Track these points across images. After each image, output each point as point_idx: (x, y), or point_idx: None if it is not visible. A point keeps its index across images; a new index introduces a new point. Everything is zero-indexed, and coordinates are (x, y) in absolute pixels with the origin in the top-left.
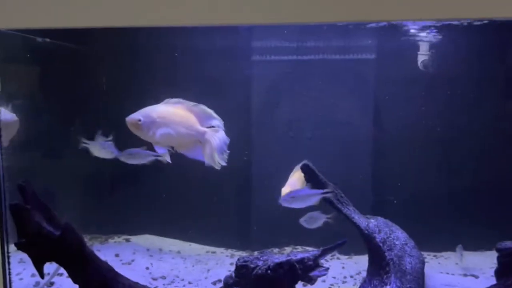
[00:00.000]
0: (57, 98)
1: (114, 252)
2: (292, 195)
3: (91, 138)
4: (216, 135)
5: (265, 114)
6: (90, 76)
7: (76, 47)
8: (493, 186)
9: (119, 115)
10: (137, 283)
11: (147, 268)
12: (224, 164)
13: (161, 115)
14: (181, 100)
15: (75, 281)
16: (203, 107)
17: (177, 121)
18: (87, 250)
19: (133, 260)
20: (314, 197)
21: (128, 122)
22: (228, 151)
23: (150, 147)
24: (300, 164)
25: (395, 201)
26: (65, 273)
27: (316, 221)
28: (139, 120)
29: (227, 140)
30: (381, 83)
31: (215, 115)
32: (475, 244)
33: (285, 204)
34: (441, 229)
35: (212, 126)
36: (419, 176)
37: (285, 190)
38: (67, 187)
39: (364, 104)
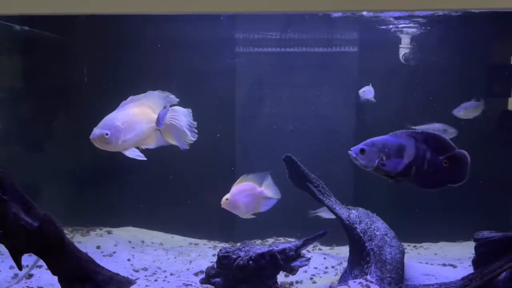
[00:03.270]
0: (37, 90)
1: (96, 244)
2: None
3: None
4: (173, 114)
5: (249, 107)
6: (71, 67)
7: (57, 36)
8: (472, 179)
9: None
10: (117, 274)
11: (129, 260)
12: (194, 138)
13: (123, 120)
14: (132, 97)
15: (54, 273)
16: (152, 93)
17: (138, 120)
18: (66, 242)
19: (114, 252)
20: None
21: (94, 139)
22: (194, 122)
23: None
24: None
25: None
26: (45, 265)
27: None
28: (107, 134)
29: (187, 112)
30: (364, 76)
31: (164, 94)
32: (454, 235)
33: None
34: (421, 221)
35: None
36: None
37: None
38: (49, 180)
39: (346, 96)
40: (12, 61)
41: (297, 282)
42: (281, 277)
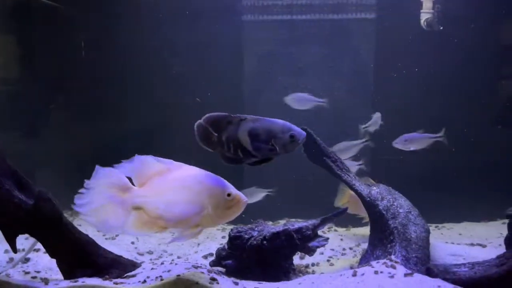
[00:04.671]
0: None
1: None
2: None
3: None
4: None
5: (258, 80)
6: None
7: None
8: (493, 161)
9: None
10: (121, 256)
11: (133, 243)
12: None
13: None
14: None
15: (52, 256)
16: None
17: None
18: (64, 221)
19: (117, 235)
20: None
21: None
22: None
23: None
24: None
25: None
26: (42, 249)
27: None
28: None
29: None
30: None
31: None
32: (477, 215)
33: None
34: (441, 201)
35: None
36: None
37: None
38: (47, 163)
39: (361, 68)
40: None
41: (313, 264)
42: (296, 260)
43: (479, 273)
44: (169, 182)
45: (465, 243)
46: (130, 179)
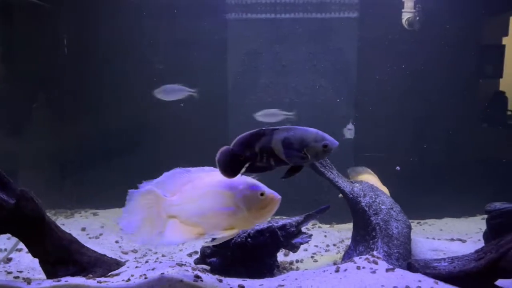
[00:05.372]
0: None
1: (81, 226)
2: None
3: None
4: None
5: (242, 78)
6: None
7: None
8: (474, 158)
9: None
10: (104, 255)
11: (117, 242)
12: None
13: None
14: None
15: (34, 255)
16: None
17: None
18: (47, 220)
19: (101, 234)
20: None
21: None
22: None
23: None
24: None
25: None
26: (25, 249)
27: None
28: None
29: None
30: (363, 43)
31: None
32: (458, 211)
33: None
34: (423, 198)
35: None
36: (402, 145)
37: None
38: (30, 163)
39: (344, 66)
40: None
41: (297, 261)
42: (280, 257)
43: (458, 268)
44: (201, 188)
45: (446, 238)
46: None
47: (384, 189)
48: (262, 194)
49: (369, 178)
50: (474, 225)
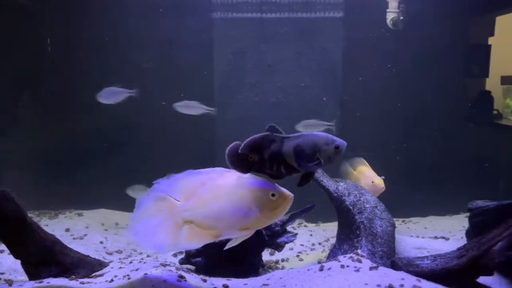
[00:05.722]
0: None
1: (65, 227)
2: None
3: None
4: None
5: (229, 77)
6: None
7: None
8: (459, 157)
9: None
10: (88, 256)
11: (101, 242)
12: None
13: None
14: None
15: (16, 256)
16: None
17: None
18: (28, 221)
19: (85, 235)
20: None
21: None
22: None
23: None
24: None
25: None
26: (6, 250)
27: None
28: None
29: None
30: (349, 43)
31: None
32: (442, 210)
33: None
34: (408, 196)
35: None
36: (388, 144)
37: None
38: (13, 163)
39: (330, 66)
40: None
41: (283, 260)
42: (266, 256)
43: (440, 265)
44: (213, 191)
45: (430, 236)
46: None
47: (379, 181)
48: (273, 195)
49: (365, 169)
50: (458, 223)
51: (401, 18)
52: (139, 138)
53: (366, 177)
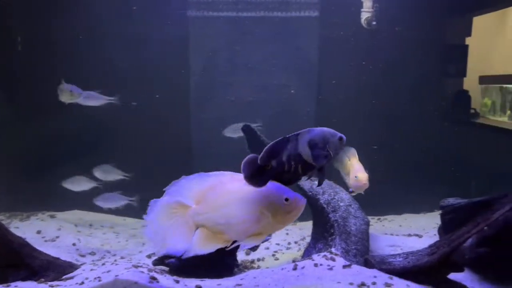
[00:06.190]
0: None
1: (36, 229)
2: None
3: None
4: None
5: (204, 76)
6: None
7: None
8: (434, 155)
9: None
10: (58, 258)
11: (74, 244)
12: None
13: None
14: None
15: None
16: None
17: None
18: None
19: (57, 237)
20: None
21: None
22: None
23: None
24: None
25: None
26: None
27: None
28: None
29: None
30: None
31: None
32: (418, 207)
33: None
34: (384, 194)
35: None
36: (363, 143)
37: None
38: None
39: (305, 65)
40: None
41: (258, 259)
42: (241, 256)
43: (412, 262)
44: (224, 195)
45: (404, 234)
46: None
47: (362, 176)
48: (286, 199)
49: (354, 161)
50: (432, 220)
51: (375, 18)
52: (113, 139)
53: (353, 170)
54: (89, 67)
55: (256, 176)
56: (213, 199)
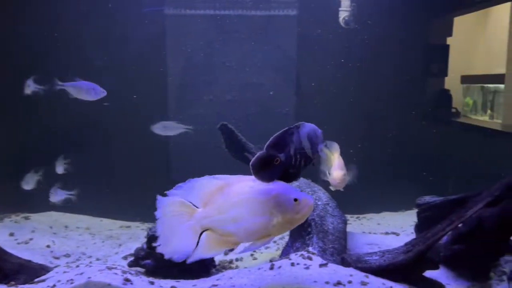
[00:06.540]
0: None
1: (9, 231)
2: None
3: None
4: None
5: (182, 75)
6: None
7: None
8: (412, 154)
9: None
10: (30, 261)
11: (48, 246)
12: None
13: None
14: None
15: None
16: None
17: None
18: None
19: (31, 239)
20: None
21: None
22: None
23: None
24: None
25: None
26: None
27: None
28: None
29: None
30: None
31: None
32: (396, 206)
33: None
34: (364, 193)
35: None
36: (342, 142)
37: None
38: None
39: (284, 64)
40: None
41: (237, 259)
42: (220, 256)
43: (387, 261)
44: (232, 197)
45: (382, 232)
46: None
47: (336, 176)
48: (295, 200)
49: (336, 157)
50: (410, 218)
51: (352, 17)
52: (89, 139)
53: (332, 166)
54: (63, 66)
55: (265, 170)
56: (221, 201)
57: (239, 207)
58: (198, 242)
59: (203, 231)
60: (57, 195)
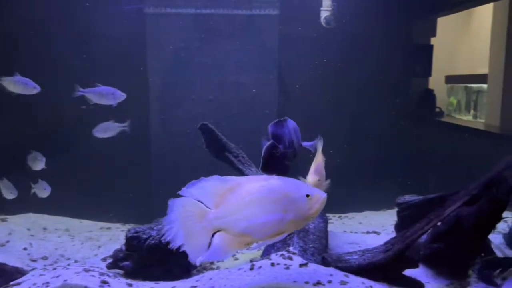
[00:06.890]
0: None
1: None
2: None
3: None
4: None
5: (163, 75)
6: None
7: None
8: (393, 153)
9: None
10: (5, 264)
11: (25, 249)
12: None
13: None
14: None
15: None
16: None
17: None
18: None
19: (7, 242)
20: None
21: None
22: None
23: None
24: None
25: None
26: None
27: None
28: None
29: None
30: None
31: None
32: (378, 204)
33: None
34: (346, 193)
35: None
36: (325, 141)
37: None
38: None
39: (266, 63)
40: None
41: (218, 260)
42: None
43: (367, 260)
44: (244, 196)
45: (363, 231)
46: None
47: (311, 180)
48: (307, 196)
49: (319, 157)
50: (391, 217)
51: (333, 16)
52: (68, 141)
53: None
54: (41, 65)
55: (270, 163)
56: (233, 201)
57: (251, 206)
58: (210, 243)
59: (215, 232)
60: (45, 190)
